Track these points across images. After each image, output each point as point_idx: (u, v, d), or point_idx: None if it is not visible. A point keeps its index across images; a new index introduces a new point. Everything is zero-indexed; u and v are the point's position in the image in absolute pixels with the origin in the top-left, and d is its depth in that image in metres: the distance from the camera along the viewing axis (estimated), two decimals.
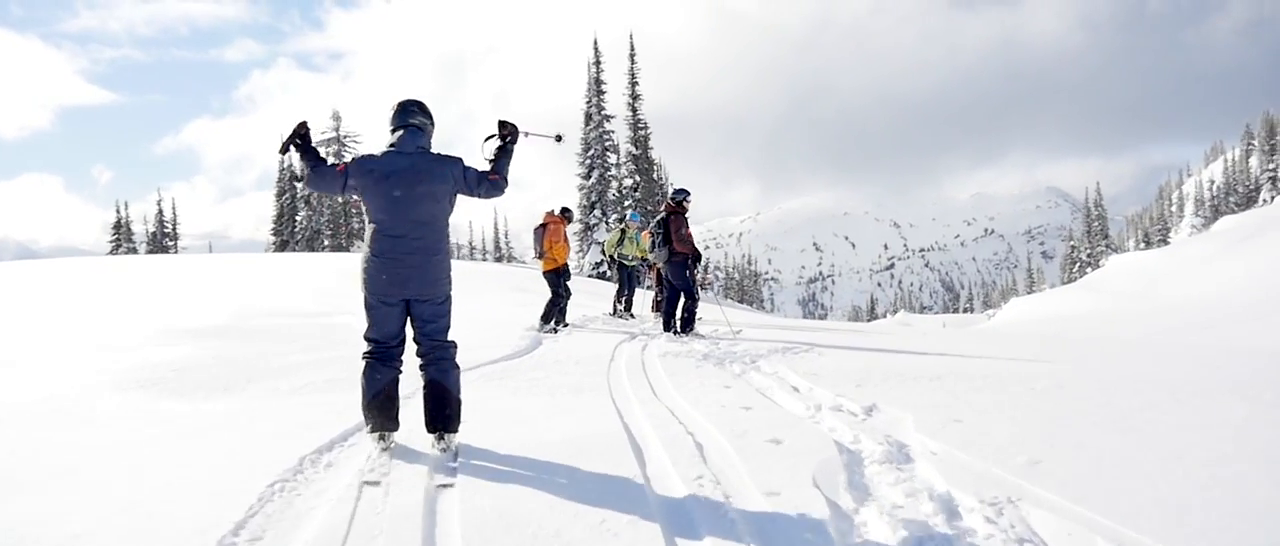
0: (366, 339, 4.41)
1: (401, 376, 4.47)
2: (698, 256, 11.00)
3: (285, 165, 51.37)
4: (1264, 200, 62.55)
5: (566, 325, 12.30)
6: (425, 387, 4.37)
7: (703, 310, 11.69)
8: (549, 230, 12.23)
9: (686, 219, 10.86)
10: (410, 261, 4.26)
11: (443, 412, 4.31)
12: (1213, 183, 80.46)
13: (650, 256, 11.26)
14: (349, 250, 48.66)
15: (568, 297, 12.41)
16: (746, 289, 76.53)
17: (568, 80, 46.66)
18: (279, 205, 53.79)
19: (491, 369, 7.58)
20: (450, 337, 4.51)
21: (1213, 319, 28.04)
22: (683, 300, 10.81)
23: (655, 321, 13.73)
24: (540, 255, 12.39)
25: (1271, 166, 64.79)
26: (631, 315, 14.36)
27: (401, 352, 4.46)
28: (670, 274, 10.95)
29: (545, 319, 11.73)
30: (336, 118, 50.69)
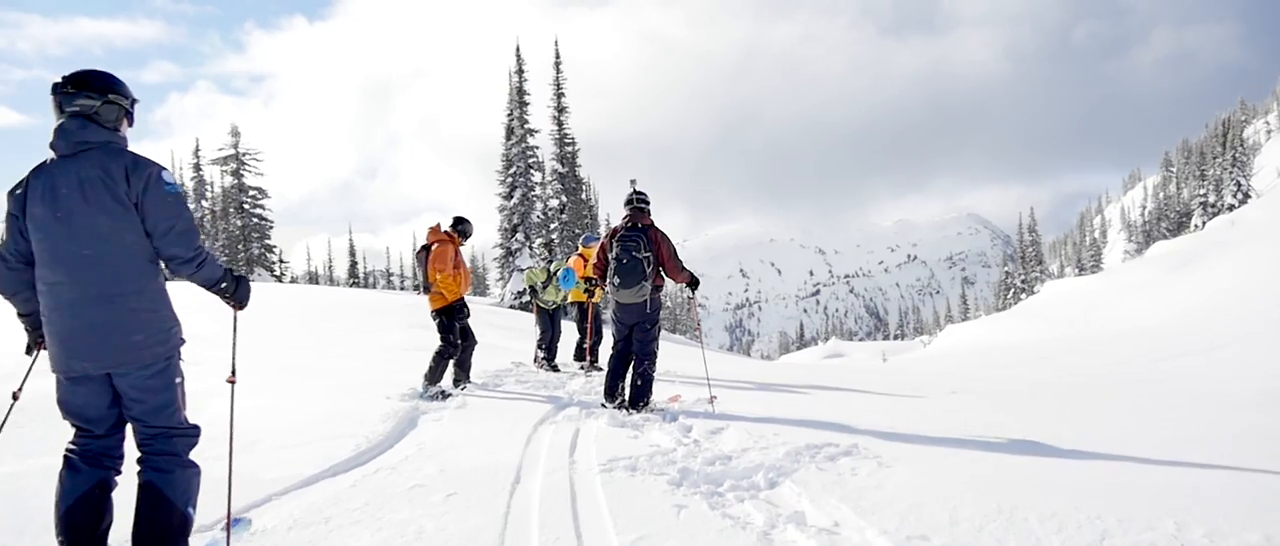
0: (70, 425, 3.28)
1: (113, 479, 3.25)
2: (696, 281, 7.58)
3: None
4: (1195, 225, 61.98)
5: (466, 384, 8.80)
6: (137, 494, 3.17)
7: (676, 362, 8.26)
8: (434, 253, 8.66)
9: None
10: (77, 313, 3.06)
11: (154, 533, 3.13)
12: (1145, 208, 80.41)
13: (609, 292, 7.41)
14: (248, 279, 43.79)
15: (469, 347, 8.92)
16: (679, 318, 73.18)
17: (496, 105, 43.09)
18: None
19: (288, 507, 4.04)
20: (182, 420, 3.29)
21: (1172, 350, 26.21)
22: (637, 359, 7.19)
23: (584, 375, 10.29)
24: (425, 288, 8.83)
25: (1202, 191, 64.40)
26: (555, 367, 10.87)
27: (117, 446, 3.29)
28: (642, 317, 7.17)
29: (430, 378, 8.25)
30: (235, 133, 45.65)
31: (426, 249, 8.83)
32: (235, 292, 3.49)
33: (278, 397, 7.73)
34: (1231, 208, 58.47)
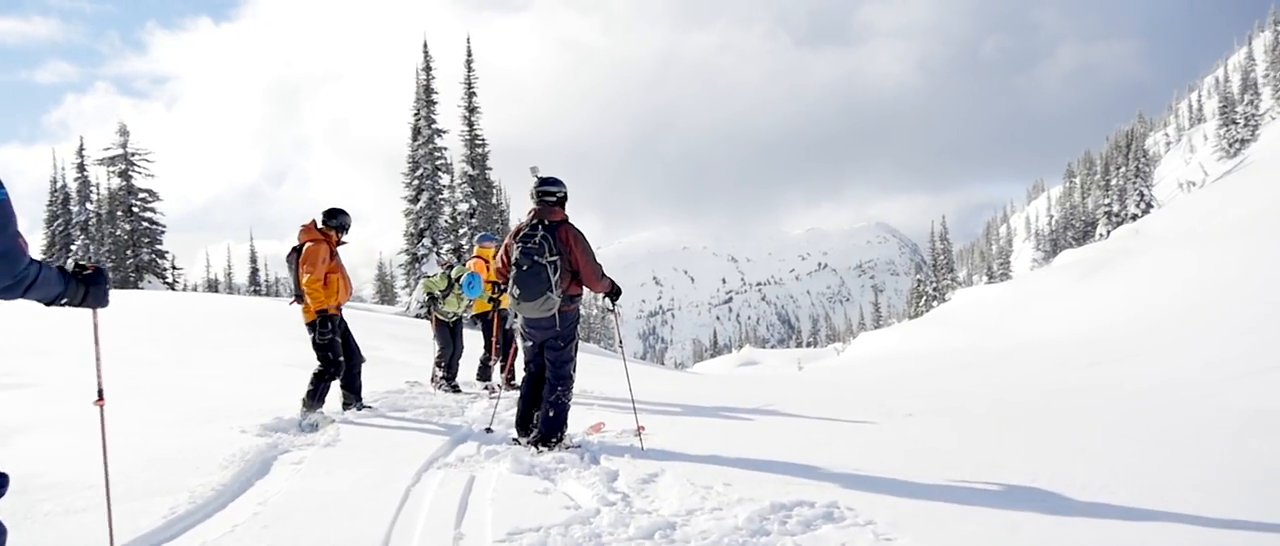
0: None
1: None
2: (618, 291, 6.30)
3: None
4: (1100, 234, 63.62)
5: (359, 407, 7.43)
6: None
7: (593, 379, 7.02)
8: (304, 253, 7.21)
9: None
10: None
11: None
12: (1052, 217, 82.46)
13: (512, 305, 5.91)
14: (137, 286, 40.66)
15: (355, 364, 7.55)
16: (593, 327, 71.79)
17: (405, 107, 40.64)
18: (50, 233, 44.94)
19: None
20: None
21: (1088, 357, 26.28)
22: (549, 384, 5.83)
23: (489, 398, 8.87)
24: (298, 296, 7.39)
25: (1107, 201, 66.18)
26: (455, 388, 9.45)
27: None
28: (552, 334, 5.83)
29: (309, 403, 6.87)
30: (124, 132, 42.28)
31: (297, 250, 7.39)
32: (83, 301, 2.82)
33: (108, 432, 6.21)
34: (1135, 217, 60.18)
